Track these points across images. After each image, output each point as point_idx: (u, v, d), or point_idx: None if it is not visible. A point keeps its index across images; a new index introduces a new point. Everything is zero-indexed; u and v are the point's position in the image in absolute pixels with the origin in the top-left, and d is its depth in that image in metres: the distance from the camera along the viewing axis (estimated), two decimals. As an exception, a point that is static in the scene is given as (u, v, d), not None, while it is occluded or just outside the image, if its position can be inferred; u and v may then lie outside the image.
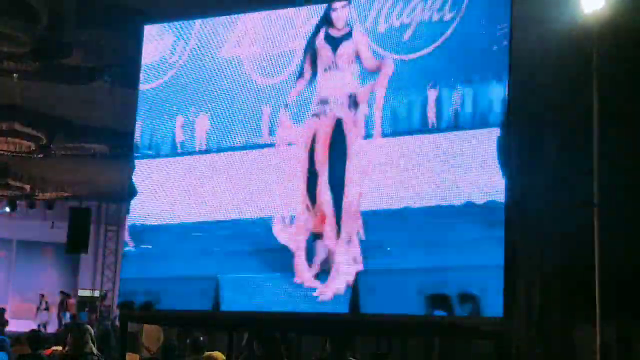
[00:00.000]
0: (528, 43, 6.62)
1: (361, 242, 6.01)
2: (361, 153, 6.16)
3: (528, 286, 6.46)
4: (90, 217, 23.06)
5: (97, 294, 24.10)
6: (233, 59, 6.84)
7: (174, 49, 7.16)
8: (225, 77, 6.86)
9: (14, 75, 12.86)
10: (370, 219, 6.02)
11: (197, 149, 6.84)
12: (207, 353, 7.64)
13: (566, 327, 6.70)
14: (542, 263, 6.65)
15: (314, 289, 6.05)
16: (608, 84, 6.71)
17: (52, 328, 21.97)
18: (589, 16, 6.64)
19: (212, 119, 6.82)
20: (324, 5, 6.51)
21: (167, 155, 6.96)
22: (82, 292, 24.47)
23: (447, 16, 6.05)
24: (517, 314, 6.20)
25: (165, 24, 7.34)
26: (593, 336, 6.43)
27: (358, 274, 5.96)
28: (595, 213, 6.51)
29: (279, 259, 6.23)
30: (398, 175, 6.00)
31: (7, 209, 22.97)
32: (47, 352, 9.00)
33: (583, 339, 6.63)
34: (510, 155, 5.69)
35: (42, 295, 23.38)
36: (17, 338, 11.01)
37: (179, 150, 6.92)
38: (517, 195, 6.09)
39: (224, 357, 7.42)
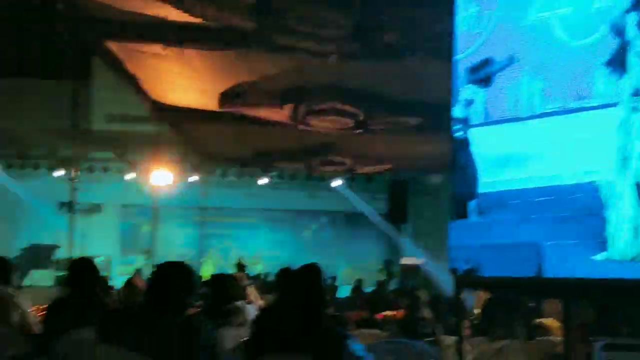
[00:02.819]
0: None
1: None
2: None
3: None
4: (407, 189, 23.85)
5: (419, 262, 24.84)
6: (541, 23, 6.71)
7: (481, 18, 7.20)
8: (534, 43, 6.76)
9: (334, 56, 13.64)
10: None
11: (515, 116, 6.81)
12: (537, 320, 7.41)
13: None
14: None
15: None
16: None
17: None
18: None
19: (525, 85, 6.77)
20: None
21: (487, 124, 6.99)
22: (405, 260, 25.35)
23: None
24: None
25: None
26: None
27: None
28: None
29: (599, 225, 6.00)
30: None
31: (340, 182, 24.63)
32: (379, 316, 9.49)
33: None
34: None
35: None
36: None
37: (497, 118, 6.94)
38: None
39: (559, 325, 6.91)
